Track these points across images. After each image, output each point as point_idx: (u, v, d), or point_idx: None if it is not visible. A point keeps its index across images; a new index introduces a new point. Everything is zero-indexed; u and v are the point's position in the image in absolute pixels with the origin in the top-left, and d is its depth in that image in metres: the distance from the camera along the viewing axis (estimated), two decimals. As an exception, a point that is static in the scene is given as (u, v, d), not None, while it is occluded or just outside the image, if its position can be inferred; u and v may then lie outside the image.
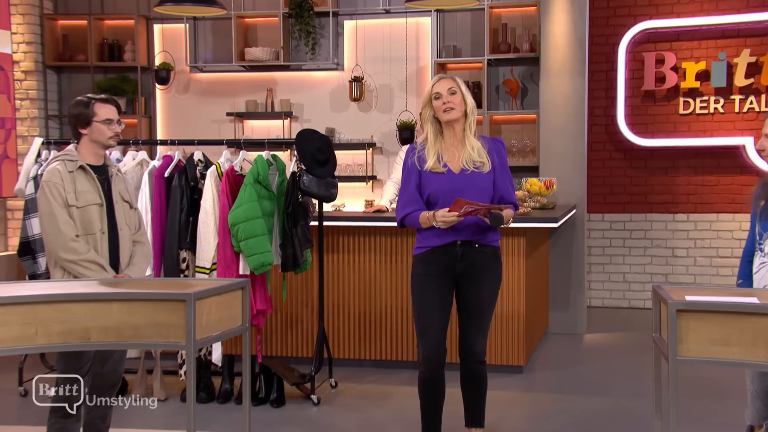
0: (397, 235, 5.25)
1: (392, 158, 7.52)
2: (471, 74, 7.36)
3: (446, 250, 3.46)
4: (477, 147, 3.48)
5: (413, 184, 3.52)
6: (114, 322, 2.65)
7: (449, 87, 3.47)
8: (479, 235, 3.48)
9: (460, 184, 3.43)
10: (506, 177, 3.54)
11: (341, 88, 7.75)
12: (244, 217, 4.38)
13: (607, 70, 7.59)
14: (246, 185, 4.42)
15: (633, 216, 7.61)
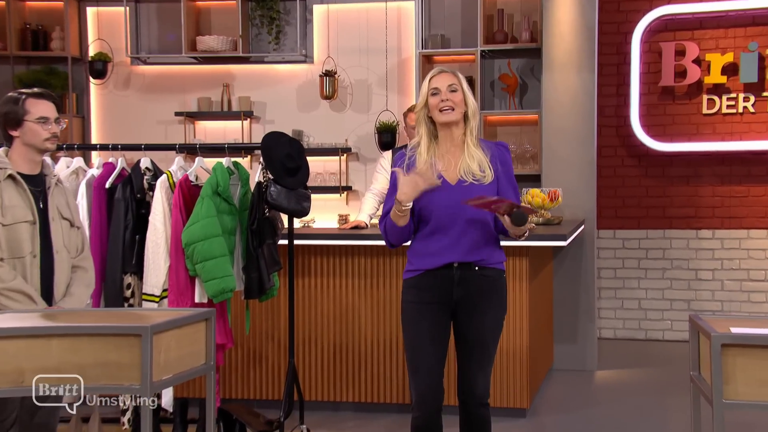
0: (380, 256, 5.25)
1: (371, 166, 7.53)
2: (462, 68, 7.37)
3: (441, 274, 3.45)
4: (478, 157, 3.49)
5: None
6: (54, 361, 2.60)
7: (450, 83, 3.46)
8: (480, 254, 3.47)
9: (458, 197, 3.42)
10: (511, 188, 3.54)
11: (310, 84, 7.75)
12: (201, 235, 4.34)
13: (618, 63, 7.66)
14: (203, 198, 4.38)
15: (649, 232, 7.67)
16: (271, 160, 4.50)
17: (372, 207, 5.74)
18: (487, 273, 3.49)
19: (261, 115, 7.87)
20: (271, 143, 4.55)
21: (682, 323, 7.52)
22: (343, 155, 7.61)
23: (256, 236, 4.49)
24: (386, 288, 5.25)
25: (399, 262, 5.19)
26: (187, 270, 4.39)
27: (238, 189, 4.56)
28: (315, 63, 7.73)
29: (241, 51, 7.65)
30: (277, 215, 4.61)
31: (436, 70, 3.52)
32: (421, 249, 3.48)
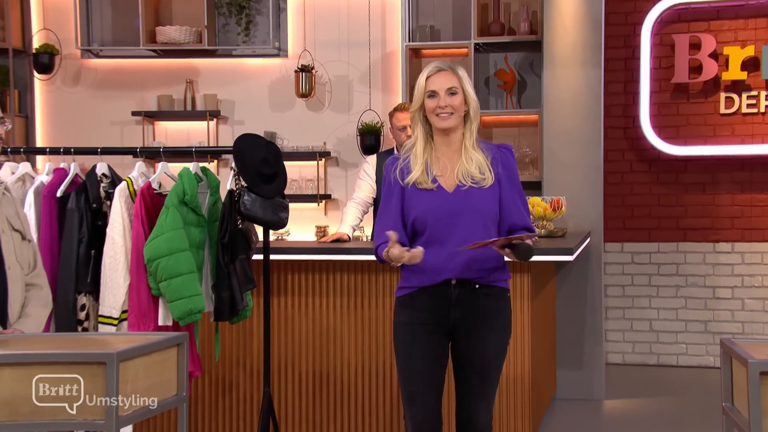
0: (366, 272, 5.24)
1: (352, 172, 7.56)
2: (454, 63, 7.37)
3: (437, 292, 3.47)
4: (477, 160, 3.52)
5: (395, 205, 3.54)
6: (6, 394, 2.57)
7: (449, 86, 3.50)
8: (480, 271, 3.48)
9: (455, 205, 3.46)
10: (516, 194, 3.57)
11: (284, 80, 7.75)
12: (166, 249, 4.32)
13: (626, 58, 7.70)
14: (168, 208, 4.36)
15: (661, 245, 7.71)
16: (244, 166, 4.49)
17: (355, 218, 5.75)
18: (489, 292, 3.51)
19: (229, 115, 7.87)
20: (244, 146, 4.54)
21: (698, 347, 7.56)
22: (321, 160, 7.61)
23: (228, 251, 4.47)
24: (373, 308, 5.24)
25: (387, 279, 5.19)
26: (150, 289, 4.37)
27: (207, 198, 4.55)
28: (290, 57, 7.74)
29: (207, 43, 7.65)
30: (251, 227, 4.59)
31: (434, 68, 3.54)
32: (415, 264, 3.47)
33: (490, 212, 3.48)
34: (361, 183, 5.85)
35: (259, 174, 4.50)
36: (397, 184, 3.55)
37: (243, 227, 4.51)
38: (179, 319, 4.34)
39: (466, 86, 3.52)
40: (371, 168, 5.84)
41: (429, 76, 3.52)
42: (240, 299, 4.51)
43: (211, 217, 4.54)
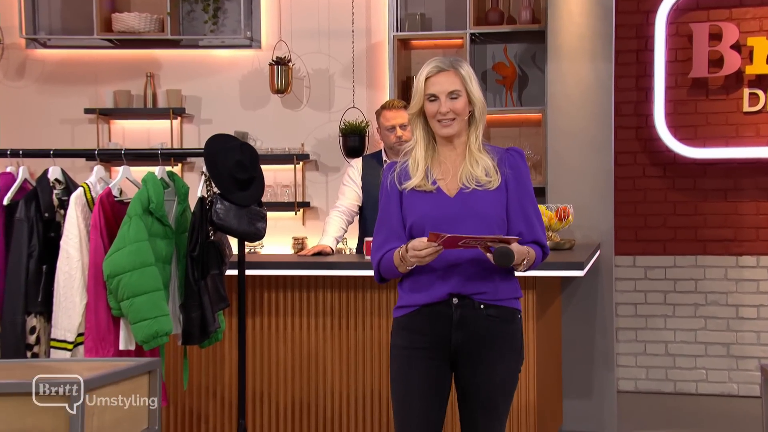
0: (353, 290, 5.24)
1: (334, 177, 7.57)
2: (447, 55, 7.28)
3: (437, 311, 3.49)
4: (484, 163, 3.54)
5: (394, 213, 3.56)
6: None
7: (451, 89, 3.50)
8: (485, 286, 3.49)
9: (456, 209, 3.48)
10: (526, 199, 3.58)
11: (257, 74, 7.76)
12: (129, 264, 4.29)
13: (638, 50, 7.71)
14: (131, 217, 4.34)
15: (678, 259, 7.71)
16: (217, 170, 4.49)
17: (338, 228, 5.75)
18: (496, 313, 3.51)
19: (195, 113, 7.85)
20: (217, 148, 4.54)
21: (720, 372, 7.56)
22: (299, 163, 7.61)
23: (198, 265, 4.46)
24: (360, 329, 5.24)
25: (376, 297, 5.19)
26: (110, 309, 4.35)
27: (174, 206, 4.54)
28: (263, 48, 7.74)
29: (170, 32, 7.64)
30: (225, 239, 4.58)
31: (434, 68, 3.54)
32: (412, 280, 3.52)
33: (495, 217, 3.49)
34: (345, 190, 5.85)
35: (234, 179, 4.49)
36: (394, 190, 3.56)
37: (215, 239, 4.50)
38: (143, 343, 4.31)
39: (471, 86, 3.54)
40: (356, 173, 5.84)
41: (429, 77, 3.53)
42: (212, 320, 4.50)
43: (179, 227, 4.54)
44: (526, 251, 3.46)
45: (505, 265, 3.32)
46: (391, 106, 5.73)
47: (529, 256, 3.48)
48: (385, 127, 5.71)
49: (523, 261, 3.45)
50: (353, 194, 5.80)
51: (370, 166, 5.84)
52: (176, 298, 4.51)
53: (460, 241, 3.28)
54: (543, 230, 3.59)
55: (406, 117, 5.60)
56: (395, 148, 5.67)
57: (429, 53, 7.41)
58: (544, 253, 3.56)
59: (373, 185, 5.75)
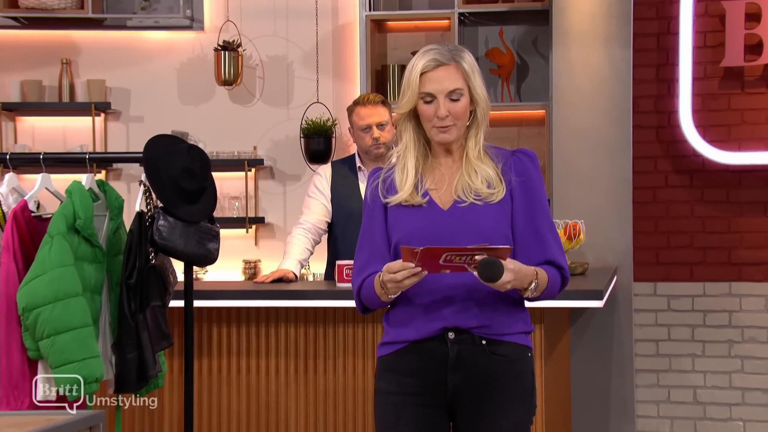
0: (322, 323, 5.25)
1: (293, 187, 7.63)
2: (431, 40, 7.41)
3: (429, 349, 3.48)
4: (484, 172, 3.54)
5: (378, 230, 3.57)
6: None
7: (452, 88, 3.47)
8: (487, 318, 3.49)
9: (449, 225, 3.48)
10: (538, 211, 3.57)
11: (199, 61, 7.78)
12: (50, 294, 4.28)
13: (659, 33, 7.67)
14: (52, 236, 4.32)
15: (708, 286, 7.68)
16: (159, 179, 4.52)
17: (302, 249, 5.76)
18: (501, 350, 3.51)
19: (122, 108, 7.86)
20: (159, 152, 4.56)
21: (761, 425, 7.52)
22: (251, 170, 7.62)
23: (136, 295, 4.46)
24: (331, 373, 5.24)
25: (353, 333, 5.22)
26: (25, 349, 4.34)
27: (105, 223, 4.54)
28: (206, 30, 7.76)
29: (91, 10, 7.60)
30: (168, 263, 4.59)
31: (431, 61, 3.49)
32: (399, 311, 3.53)
33: (497, 234, 3.47)
34: (311, 203, 5.86)
35: (180, 190, 4.51)
36: (377, 202, 3.57)
37: (156, 263, 4.50)
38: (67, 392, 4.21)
39: (474, 83, 3.51)
40: (324, 182, 5.86)
41: (425, 72, 3.48)
42: (152, 362, 4.49)
43: (111, 249, 4.54)
44: (532, 272, 3.42)
45: (491, 279, 3.25)
46: (366, 102, 5.75)
47: (540, 279, 3.44)
48: (359, 126, 5.73)
49: (530, 284, 3.42)
50: (320, 208, 5.81)
51: (340, 174, 5.87)
52: (108, 336, 4.49)
53: (441, 256, 3.24)
54: (560, 249, 3.56)
55: (384, 114, 5.66)
56: (371, 152, 5.71)
57: (408, 37, 7.44)
58: (563, 277, 3.53)
59: (344, 197, 5.80)
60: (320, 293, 5.22)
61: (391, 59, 7.61)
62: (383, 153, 5.65)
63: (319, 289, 5.37)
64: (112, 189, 4.59)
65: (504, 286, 3.29)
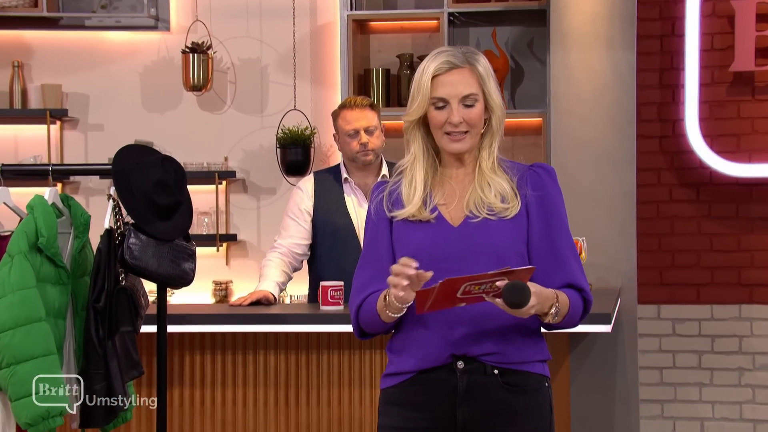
0: (308, 351, 5.25)
1: (268, 201, 7.65)
2: (417, 42, 7.47)
3: (437, 379, 3.46)
4: (499, 186, 3.53)
5: (383, 246, 3.54)
6: None
7: (466, 93, 3.46)
8: (501, 344, 3.47)
9: (460, 243, 3.46)
10: (557, 229, 3.55)
11: (166, 65, 7.78)
12: (10, 319, 4.27)
13: (662, 35, 7.71)
14: (12, 257, 4.33)
15: (716, 309, 7.70)
16: (130, 193, 4.50)
17: (280, 272, 5.73)
18: (515, 379, 3.48)
19: (80, 116, 7.82)
20: (130, 164, 4.56)
21: (775, 459, 7.57)
22: (222, 183, 7.60)
23: (104, 320, 4.44)
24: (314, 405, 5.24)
25: (345, 360, 5.24)
26: (-18, 380, 4.39)
27: (70, 241, 4.55)
28: (173, 31, 7.75)
29: (45, 8, 7.57)
30: (139, 285, 4.60)
31: (444, 63, 3.47)
32: (403, 338, 3.51)
33: (512, 253, 3.45)
34: (289, 224, 5.83)
35: (153, 205, 4.49)
36: (382, 216, 3.54)
37: (127, 285, 4.49)
38: (28, 426, 4.28)
39: (489, 88, 3.50)
40: (306, 198, 5.83)
41: (437, 75, 3.47)
42: (121, 393, 4.47)
43: (76, 269, 4.55)
44: (553, 296, 3.39)
45: (519, 304, 3.23)
46: (354, 105, 5.72)
47: (561, 303, 3.41)
48: (345, 131, 5.69)
49: (551, 308, 3.39)
50: (299, 231, 5.77)
51: (324, 186, 5.84)
52: (72, 365, 4.49)
53: (460, 288, 3.22)
54: (581, 270, 3.54)
55: (373, 119, 5.68)
56: (358, 160, 5.69)
57: (393, 39, 7.46)
58: (585, 300, 3.51)
59: (329, 212, 5.78)
60: (303, 317, 5.22)
61: (375, 63, 7.63)
62: (371, 161, 5.69)
63: (303, 312, 5.37)
64: (77, 204, 4.61)
65: (528, 311, 3.28)
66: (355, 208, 5.75)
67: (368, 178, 5.75)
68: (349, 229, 5.73)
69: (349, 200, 5.75)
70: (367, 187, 5.71)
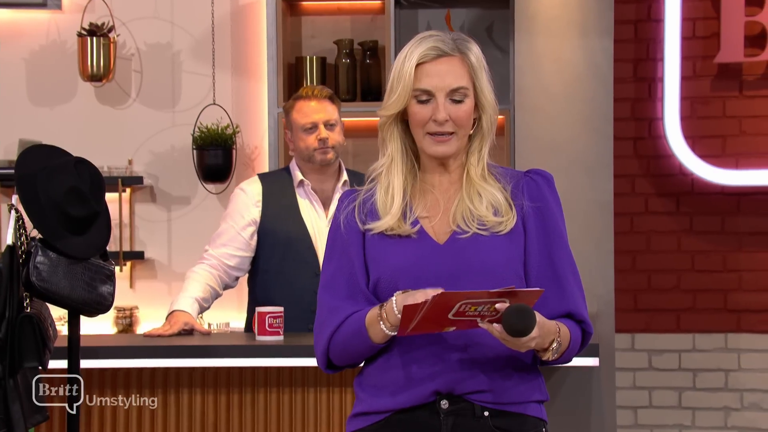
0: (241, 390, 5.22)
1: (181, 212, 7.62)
2: (358, 26, 7.49)
3: (417, 421, 3.46)
4: (490, 195, 3.53)
5: (356, 266, 3.52)
6: None
7: (455, 86, 3.45)
8: (492, 381, 3.45)
9: (447, 263, 3.45)
10: (557, 248, 3.55)
11: (57, 50, 7.75)
12: None
13: (637, 20, 7.76)
14: None
15: (699, 339, 7.77)
16: (37, 202, 4.48)
17: (204, 287, 5.70)
18: (507, 423, 3.49)
19: (-48, 110, 7.75)
20: (36, 167, 4.53)
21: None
22: (125, 191, 7.56)
23: (5, 355, 4.40)
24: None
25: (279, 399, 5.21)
26: None
27: (-34, 259, 4.53)
28: (66, 10, 7.69)
29: None
30: (47, 312, 4.58)
31: (431, 47, 3.46)
32: (377, 371, 3.50)
33: (509, 274, 3.44)
34: (226, 230, 5.81)
35: (65, 217, 4.48)
36: (354, 232, 3.52)
37: (33, 312, 4.45)
38: None
39: (481, 82, 3.49)
40: (252, 203, 5.81)
41: (422, 63, 3.45)
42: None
43: None
44: (555, 329, 3.38)
45: (522, 332, 3.22)
46: (311, 96, 5.77)
47: (562, 338, 3.41)
48: (301, 125, 5.70)
49: (551, 344, 3.38)
50: (237, 240, 5.75)
51: (274, 190, 5.84)
52: None
53: (453, 308, 3.19)
54: (582, 296, 3.54)
55: (333, 112, 5.80)
56: (315, 159, 5.70)
57: (330, 22, 7.49)
58: (584, 333, 3.51)
59: (282, 221, 5.78)
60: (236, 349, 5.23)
61: (308, 50, 7.66)
62: (331, 159, 5.72)
63: (234, 343, 5.38)
64: (-27, 215, 4.56)
65: (527, 344, 3.27)
66: (311, 216, 5.76)
67: (326, 183, 5.79)
68: (304, 239, 5.74)
69: (304, 207, 5.76)
70: (324, 194, 5.78)
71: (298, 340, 5.31)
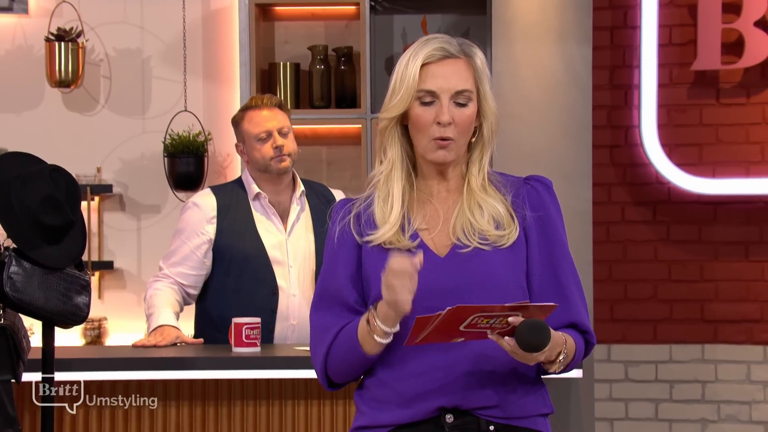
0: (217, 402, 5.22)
1: (151, 221, 7.62)
2: (332, 31, 7.49)
3: None
4: (492, 208, 3.49)
5: (346, 278, 3.48)
6: None
7: (460, 89, 3.41)
8: (497, 395, 3.42)
9: (448, 277, 3.41)
10: (559, 258, 3.51)
11: (24, 55, 7.72)
12: None
13: (613, 27, 7.76)
14: None
15: (676, 349, 7.77)
16: (11, 211, 4.49)
17: (173, 301, 5.66)
18: None
19: None
20: (9, 175, 4.53)
21: None
22: (94, 199, 7.51)
23: None
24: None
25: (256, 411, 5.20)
26: None
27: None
28: (32, 14, 7.67)
29: None
30: (20, 323, 4.61)
31: (437, 48, 3.42)
32: (379, 387, 3.46)
33: (514, 287, 3.41)
34: (181, 248, 5.76)
35: (39, 226, 4.48)
36: (349, 245, 3.47)
37: (6, 323, 4.49)
38: None
39: (485, 87, 3.46)
40: (205, 218, 5.75)
41: (427, 64, 3.40)
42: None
43: None
44: (562, 341, 3.34)
45: (537, 347, 3.19)
46: (261, 105, 5.73)
47: (569, 349, 3.37)
48: (255, 136, 5.65)
49: (559, 355, 3.34)
50: (192, 259, 5.71)
51: (228, 203, 5.79)
52: None
53: (466, 320, 3.15)
54: (585, 306, 3.50)
55: (284, 120, 5.84)
56: (272, 168, 5.66)
57: (303, 27, 7.50)
58: (587, 343, 3.48)
59: (238, 236, 5.73)
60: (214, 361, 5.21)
61: (281, 56, 7.67)
62: (288, 167, 5.69)
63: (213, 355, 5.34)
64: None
65: (537, 357, 3.23)
66: (269, 231, 5.71)
67: (282, 195, 5.76)
68: (261, 257, 5.69)
69: (260, 222, 5.72)
70: (281, 206, 5.75)
71: (275, 352, 5.31)
